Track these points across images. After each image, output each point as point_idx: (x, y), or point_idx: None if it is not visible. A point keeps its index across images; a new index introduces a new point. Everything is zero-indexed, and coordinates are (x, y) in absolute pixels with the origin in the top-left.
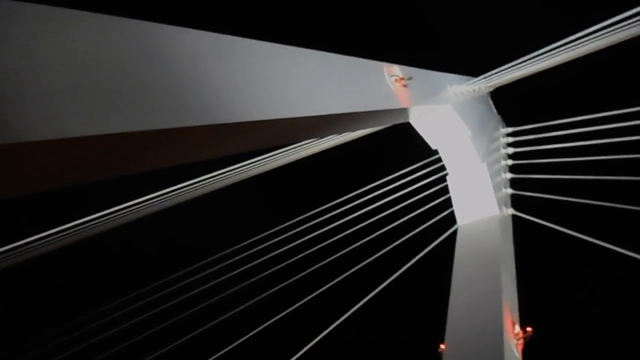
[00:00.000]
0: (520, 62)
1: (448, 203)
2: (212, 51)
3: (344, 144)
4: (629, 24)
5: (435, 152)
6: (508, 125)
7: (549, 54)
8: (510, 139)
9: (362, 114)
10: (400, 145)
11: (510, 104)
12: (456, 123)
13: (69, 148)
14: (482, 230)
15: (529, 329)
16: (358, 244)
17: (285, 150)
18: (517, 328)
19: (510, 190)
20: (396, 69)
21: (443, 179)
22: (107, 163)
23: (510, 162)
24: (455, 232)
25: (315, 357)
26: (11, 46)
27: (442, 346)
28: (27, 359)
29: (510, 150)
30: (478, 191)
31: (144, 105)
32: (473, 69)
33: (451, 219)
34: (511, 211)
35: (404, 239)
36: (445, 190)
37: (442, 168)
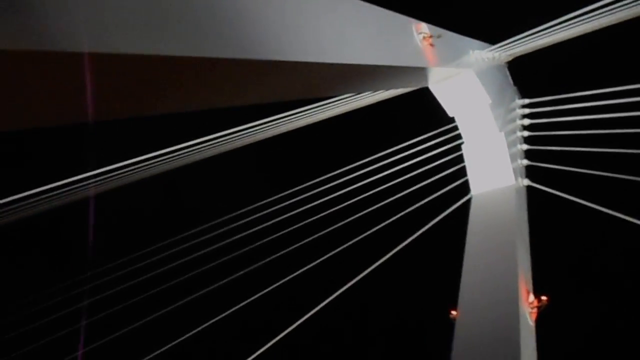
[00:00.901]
0: (540, 31)
1: (460, 173)
2: None
3: (358, 109)
4: None
5: (448, 121)
6: (524, 96)
7: (569, 23)
8: (527, 110)
9: (390, 69)
10: (411, 114)
11: (526, 75)
12: (476, 89)
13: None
14: (497, 200)
15: (543, 297)
16: (369, 210)
17: (300, 112)
18: (532, 297)
19: (525, 161)
20: (424, 27)
21: (455, 148)
22: (131, 93)
23: (526, 133)
24: (468, 201)
25: (327, 321)
26: None
27: (454, 312)
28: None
29: (526, 121)
30: (494, 161)
31: (169, 28)
32: (491, 37)
33: (464, 189)
34: (527, 182)
35: (415, 207)
36: (456, 160)
37: (455, 138)
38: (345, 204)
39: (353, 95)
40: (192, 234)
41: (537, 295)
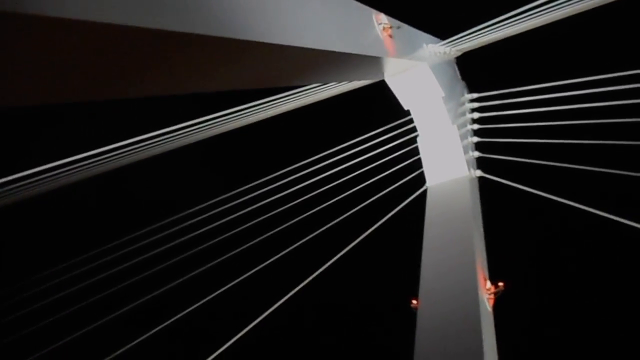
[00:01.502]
0: (487, 27)
1: (415, 165)
2: None
3: (313, 104)
4: None
5: (403, 115)
6: (471, 91)
7: (514, 19)
8: (475, 104)
9: (352, 58)
10: (366, 107)
11: (472, 70)
12: (431, 83)
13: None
14: (452, 190)
15: (500, 283)
16: (325, 205)
17: (255, 106)
18: (489, 283)
19: (477, 153)
20: (383, 17)
21: (410, 141)
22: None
23: (475, 126)
24: (424, 192)
25: (286, 318)
26: None
27: (415, 302)
28: None
29: (476, 115)
30: (448, 152)
31: None
32: (439, 32)
33: (420, 181)
34: (479, 173)
35: (370, 200)
36: (412, 153)
37: (410, 131)
38: (301, 199)
39: (307, 89)
40: (138, 236)
41: (493, 281)
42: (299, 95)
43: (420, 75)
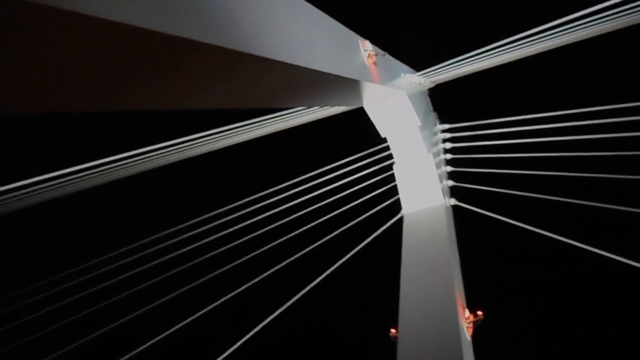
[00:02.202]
0: (462, 60)
1: (390, 192)
2: None
3: (286, 130)
4: (562, 30)
5: (379, 142)
6: (442, 122)
7: (488, 54)
8: (447, 135)
9: (338, 80)
10: (341, 135)
11: (443, 102)
12: (408, 111)
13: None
14: (429, 218)
15: (479, 312)
16: (298, 231)
17: (231, 130)
18: (467, 312)
19: (450, 182)
20: (369, 45)
21: (386, 168)
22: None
23: (448, 156)
24: (400, 220)
25: (260, 348)
26: None
27: (393, 330)
28: None
29: (448, 145)
30: (424, 180)
31: None
32: (413, 64)
33: (394, 208)
34: (453, 201)
35: (344, 228)
36: (387, 180)
37: (385, 158)
38: (273, 225)
39: (284, 114)
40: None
41: (471, 310)
42: (275, 120)
43: (398, 103)
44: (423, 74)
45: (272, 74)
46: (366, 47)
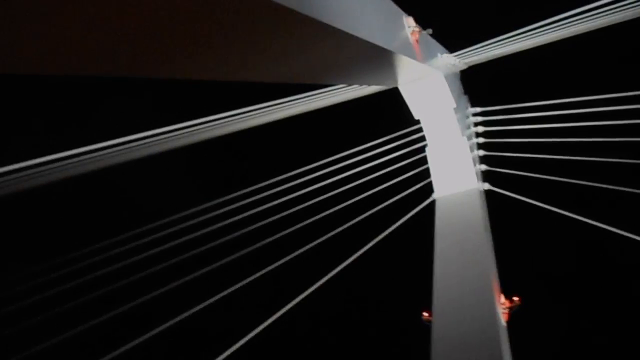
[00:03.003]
0: (493, 43)
1: (420, 176)
2: None
3: (321, 109)
4: (599, 13)
5: (409, 124)
6: (473, 105)
7: (521, 36)
8: (479, 118)
9: (388, 55)
10: (370, 116)
11: (473, 85)
12: (444, 92)
13: None
14: (463, 202)
15: (515, 298)
16: (330, 211)
17: (270, 107)
18: (503, 298)
19: (483, 167)
20: (412, 21)
21: (416, 151)
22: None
23: (480, 140)
24: (431, 203)
25: (286, 328)
26: None
27: (426, 314)
28: None
29: (480, 128)
30: (458, 164)
31: None
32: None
33: (424, 192)
34: (487, 186)
35: (374, 210)
36: (416, 163)
37: (415, 141)
38: (305, 205)
39: (318, 94)
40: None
41: (506, 296)
42: (309, 99)
43: (434, 84)
44: (457, 55)
45: (331, 43)
46: (410, 24)
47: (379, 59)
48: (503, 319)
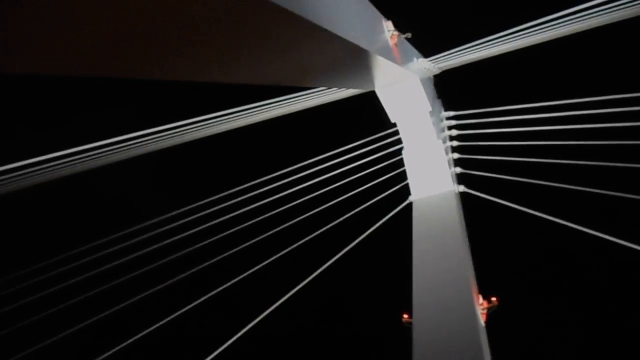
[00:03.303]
0: (469, 47)
1: (396, 178)
2: None
3: (298, 112)
4: (570, 19)
5: (385, 128)
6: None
7: (494, 42)
8: (452, 122)
9: (368, 58)
10: (346, 121)
11: (445, 90)
12: (420, 96)
13: None
14: (439, 204)
15: (493, 299)
16: (307, 215)
17: (247, 110)
18: (481, 298)
19: (458, 169)
20: (391, 25)
21: (391, 155)
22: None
23: (455, 143)
24: (408, 205)
25: (270, 332)
26: None
27: (405, 316)
28: None
29: (454, 132)
30: (434, 166)
31: None
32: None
33: (400, 194)
34: (462, 188)
35: (352, 213)
36: (392, 166)
37: (391, 144)
38: (282, 209)
39: (296, 96)
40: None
41: (484, 297)
42: (287, 103)
43: (411, 87)
44: (432, 60)
45: (317, 43)
46: (389, 27)
47: (360, 61)
48: (482, 319)
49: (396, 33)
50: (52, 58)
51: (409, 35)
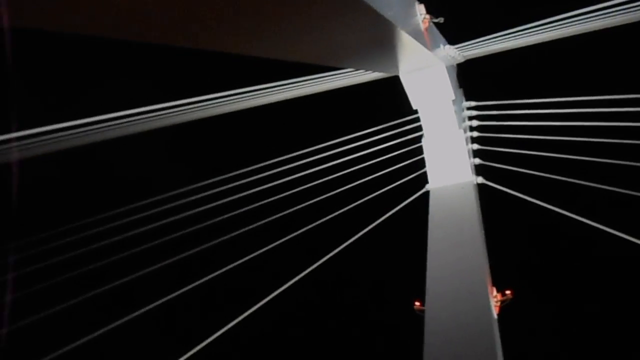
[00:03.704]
0: (496, 37)
1: (414, 166)
2: None
3: (322, 93)
4: (599, 14)
5: (405, 114)
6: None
7: (523, 32)
8: (474, 112)
9: (403, 39)
10: (367, 105)
11: (468, 79)
12: (444, 84)
13: None
14: (457, 194)
15: (507, 292)
16: (323, 197)
17: (266, 89)
18: (495, 291)
19: (477, 160)
20: (423, 8)
21: (412, 141)
22: None
23: (475, 133)
24: (425, 193)
25: (276, 317)
26: None
27: (417, 303)
28: None
29: (475, 122)
30: (454, 156)
31: None
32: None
33: (417, 182)
34: (480, 179)
35: (368, 198)
36: (410, 154)
37: (411, 130)
38: (297, 190)
39: (319, 77)
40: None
41: (499, 289)
42: (307, 83)
43: (436, 74)
44: (458, 48)
45: (352, 17)
46: (422, 11)
47: (392, 41)
48: (495, 311)
49: (428, 17)
50: (64, 15)
51: (441, 19)
